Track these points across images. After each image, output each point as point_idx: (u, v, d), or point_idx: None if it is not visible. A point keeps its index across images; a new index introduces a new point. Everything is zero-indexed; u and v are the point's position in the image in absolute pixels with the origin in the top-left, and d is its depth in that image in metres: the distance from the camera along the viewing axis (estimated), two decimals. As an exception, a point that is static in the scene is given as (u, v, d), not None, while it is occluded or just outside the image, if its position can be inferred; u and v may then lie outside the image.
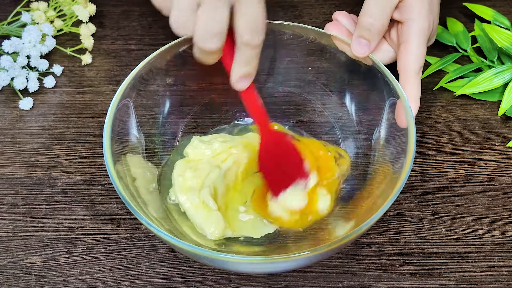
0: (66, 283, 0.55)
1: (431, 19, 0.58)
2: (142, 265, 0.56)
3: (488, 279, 0.54)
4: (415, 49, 0.56)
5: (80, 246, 0.57)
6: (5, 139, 0.65)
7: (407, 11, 0.57)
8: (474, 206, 0.59)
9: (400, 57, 0.57)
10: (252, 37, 0.49)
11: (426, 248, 0.56)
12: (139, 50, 0.72)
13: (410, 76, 0.56)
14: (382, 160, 0.55)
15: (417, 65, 0.56)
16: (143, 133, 0.57)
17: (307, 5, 0.77)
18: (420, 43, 0.57)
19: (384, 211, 0.47)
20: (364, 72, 0.57)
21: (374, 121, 0.57)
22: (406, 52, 0.56)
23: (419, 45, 0.57)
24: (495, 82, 0.66)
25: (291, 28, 0.59)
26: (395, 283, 0.54)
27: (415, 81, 0.56)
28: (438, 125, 0.65)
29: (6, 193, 0.60)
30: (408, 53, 0.56)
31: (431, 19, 0.58)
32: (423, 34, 0.57)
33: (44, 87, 0.69)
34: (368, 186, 0.55)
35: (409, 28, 0.57)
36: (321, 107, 0.62)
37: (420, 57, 0.56)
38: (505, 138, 0.64)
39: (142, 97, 0.57)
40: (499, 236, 0.57)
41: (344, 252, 0.56)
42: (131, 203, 0.48)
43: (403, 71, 0.56)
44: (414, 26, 0.57)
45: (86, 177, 0.61)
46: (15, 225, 0.58)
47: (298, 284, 0.54)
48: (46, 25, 0.69)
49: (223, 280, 0.55)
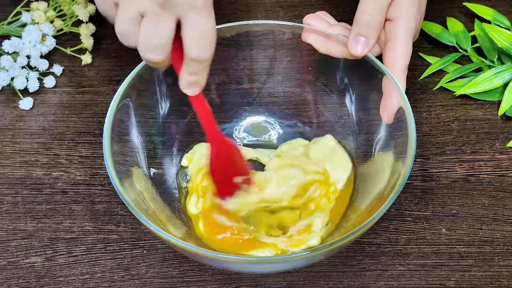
0: (66, 283, 0.55)
1: (418, 18, 0.59)
2: (142, 265, 0.56)
3: (488, 279, 0.54)
4: (403, 47, 0.57)
5: (80, 246, 0.57)
6: (5, 139, 0.65)
7: (396, 10, 0.57)
8: (474, 206, 0.59)
9: (387, 54, 0.57)
10: (199, 52, 0.48)
11: (426, 248, 0.56)
12: (139, 50, 0.72)
13: (397, 72, 0.56)
14: (382, 160, 0.55)
15: (404, 62, 0.57)
16: (143, 133, 0.57)
17: (307, 5, 0.77)
18: (407, 41, 0.57)
19: (384, 211, 0.47)
20: (364, 72, 0.57)
21: (374, 121, 0.57)
22: (394, 49, 0.57)
23: (406, 43, 0.57)
24: (495, 82, 0.66)
25: (291, 28, 0.59)
26: (395, 283, 0.54)
27: (401, 77, 0.57)
28: (438, 125, 0.65)
29: (6, 193, 0.60)
30: (395, 50, 0.57)
31: (418, 17, 0.59)
32: (410, 32, 0.58)
33: (44, 87, 0.69)
34: (368, 186, 0.55)
35: (398, 26, 0.57)
36: (321, 107, 0.62)
37: (406, 55, 0.57)
38: (505, 138, 0.64)
39: (142, 97, 0.57)
40: (499, 236, 0.57)
41: (344, 252, 0.56)
42: (131, 203, 0.48)
43: (390, 68, 0.57)
44: (403, 25, 0.57)
45: (86, 177, 0.61)
46: (15, 225, 0.58)
47: (298, 284, 0.54)
48: (46, 25, 0.69)
49: (223, 280, 0.55)
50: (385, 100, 0.55)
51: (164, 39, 0.48)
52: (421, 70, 0.69)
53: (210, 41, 0.48)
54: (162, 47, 0.48)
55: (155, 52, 0.48)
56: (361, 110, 0.59)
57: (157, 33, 0.48)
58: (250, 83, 0.63)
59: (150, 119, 0.58)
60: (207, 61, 0.49)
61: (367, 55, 0.56)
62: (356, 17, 0.57)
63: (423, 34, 0.73)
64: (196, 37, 0.48)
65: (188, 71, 0.50)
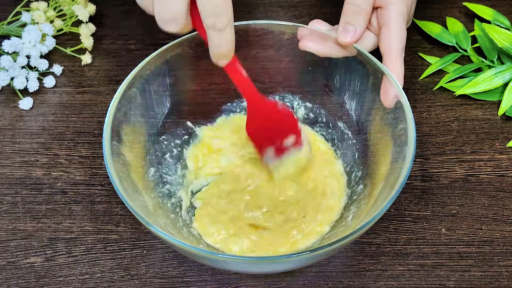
0: (66, 283, 0.55)
1: (409, 3, 0.60)
2: (142, 265, 0.56)
3: (488, 279, 0.54)
4: (396, 30, 0.58)
5: (80, 246, 0.57)
6: (5, 139, 0.65)
7: None
8: (474, 206, 0.59)
9: (383, 39, 0.58)
10: (214, 20, 0.48)
11: (426, 248, 0.56)
12: (139, 50, 0.72)
13: (393, 55, 0.57)
14: (382, 159, 0.55)
15: (400, 45, 0.58)
16: (143, 133, 0.57)
17: (307, 5, 0.77)
18: (400, 24, 0.59)
19: (384, 211, 0.47)
20: (364, 72, 0.57)
21: (374, 121, 0.57)
22: (389, 33, 0.58)
23: (400, 27, 0.58)
24: (495, 82, 0.66)
25: (291, 28, 0.59)
26: (395, 283, 0.54)
27: (398, 60, 0.58)
28: (438, 125, 0.65)
29: (6, 193, 0.60)
30: (390, 34, 0.58)
31: (409, 2, 0.60)
32: (402, 16, 0.59)
33: (44, 87, 0.69)
34: (368, 186, 0.55)
35: (389, 11, 0.58)
36: (321, 107, 0.62)
37: (402, 37, 0.58)
38: (505, 138, 0.64)
39: (142, 97, 0.57)
40: (499, 236, 0.57)
41: (344, 252, 0.56)
42: (130, 203, 0.48)
43: (387, 52, 0.58)
44: (394, 9, 0.58)
45: (86, 177, 0.61)
46: (15, 225, 0.58)
47: (298, 284, 0.54)
48: (46, 25, 0.69)
49: (223, 280, 0.55)
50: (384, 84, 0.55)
51: (177, 12, 0.48)
52: (421, 70, 0.70)
53: (223, 8, 0.48)
54: (177, 20, 0.49)
55: (170, 25, 0.49)
56: (361, 110, 0.59)
57: (169, 6, 0.48)
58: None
59: (150, 119, 0.58)
60: (224, 28, 0.49)
61: (367, 55, 0.56)
62: (343, 8, 0.59)
63: (423, 34, 0.73)
64: (209, 6, 0.48)
65: (211, 44, 0.50)
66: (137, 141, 0.56)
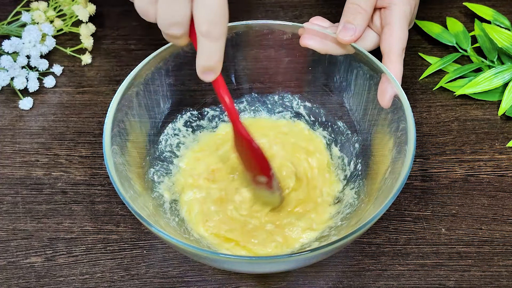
0: (66, 283, 0.55)
1: (412, 4, 0.61)
2: (142, 265, 0.56)
3: (487, 279, 0.54)
4: (398, 31, 0.59)
5: (80, 246, 0.57)
6: (5, 139, 0.65)
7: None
8: (474, 206, 0.59)
9: (384, 39, 0.59)
10: (209, 28, 0.47)
11: (426, 248, 0.56)
12: (139, 50, 0.73)
13: (393, 55, 0.58)
14: (381, 160, 0.55)
15: (400, 45, 0.59)
16: (143, 133, 0.57)
17: (307, 5, 0.77)
18: (402, 25, 0.59)
19: (384, 211, 0.47)
20: (364, 72, 0.57)
21: (374, 121, 0.57)
22: (390, 33, 0.59)
23: (401, 28, 0.59)
24: (495, 82, 0.66)
25: (291, 28, 0.59)
26: (395, 283, 0.54)
27: (398, 60, 0.58)
28: (438, 125, 0.65)
29: (6, 193, 0.60)
30: (391, 34, 0.59)
31: (412, 3, 0.61)
32: (405, 17, 0.59)
33: (44, 87, 0.69)
34: (368, 186, 0.55)
35: (392, 12, 0.59)
36: (321, 107, 0.62)
37: (403, 38, 0.59)
38: (505, 138, 0.64)
39: (142, 97, 0.57)
40: (499, 236, 0.57)
41: (344, 252, 0.56)
42: (131, 203, 0.48)
43: (387, 52, 0.58)
44: (397, 10, 0.59)
45: (86, 177, 0.61)
46: (15, 225, 0.58)
47: (298, 284, 0.54)
48: (46, 25, 0.69)
49: (223, 280, 0.55)
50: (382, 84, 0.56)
51: (179, 16, 0.48)
52: (421, 70, 0.70)
53: (220, 16, 0.47)
54: (179, 24, 0.48)
55: (174, 28, 0.49)
56: (361, 110, 0.59)
57: (172, 11, 0.48)
58: (250, 83, 0.63)
59: (150, 119, 0.58)
60: (218, 39, 0.48)
61: (367, 55, 0.56)
62: (345, 6, 0.59)
63: (423, 34, 0.73)
64: (206, 14, 0.47)
65: (201, 54, 0.49)
66: (137, 141, 0.56)
